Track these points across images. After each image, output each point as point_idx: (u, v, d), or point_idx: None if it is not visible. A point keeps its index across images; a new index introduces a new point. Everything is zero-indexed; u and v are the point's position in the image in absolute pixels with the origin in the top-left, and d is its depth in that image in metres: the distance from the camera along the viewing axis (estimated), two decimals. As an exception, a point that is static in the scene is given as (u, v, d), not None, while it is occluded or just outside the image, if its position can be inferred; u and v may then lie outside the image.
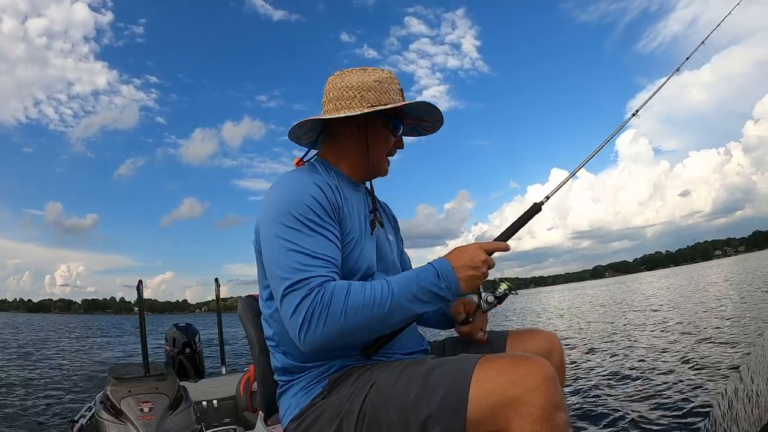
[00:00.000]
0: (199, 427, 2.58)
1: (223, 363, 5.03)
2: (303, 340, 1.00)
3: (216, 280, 4.97)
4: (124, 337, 23.88)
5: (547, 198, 1.29)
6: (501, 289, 1.19)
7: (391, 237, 1.43)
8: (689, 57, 1.81)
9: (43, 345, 18.76)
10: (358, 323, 1.00)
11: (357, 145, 1.31)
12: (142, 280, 3.33)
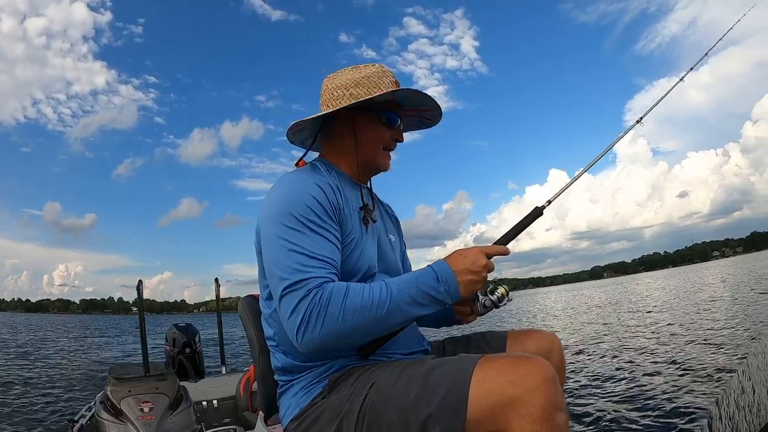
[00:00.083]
0: (199, 427, 2.58)
1: (223, 363, 5.02)
2: (301, 341, 1.01)
3: (216, 280, 4.98)
4: (123, 337, 23.82)
5: (549, 202, 1.28)
6: (498, 293, 1.18)
7: (392, 237, 1.42)
8: (693, 67, 1.81)
9: (42, 345, 18.67)
10: (356, 325, 1.00)
11: (352, 143, 1.31)
12: (141, 280, 3.33)
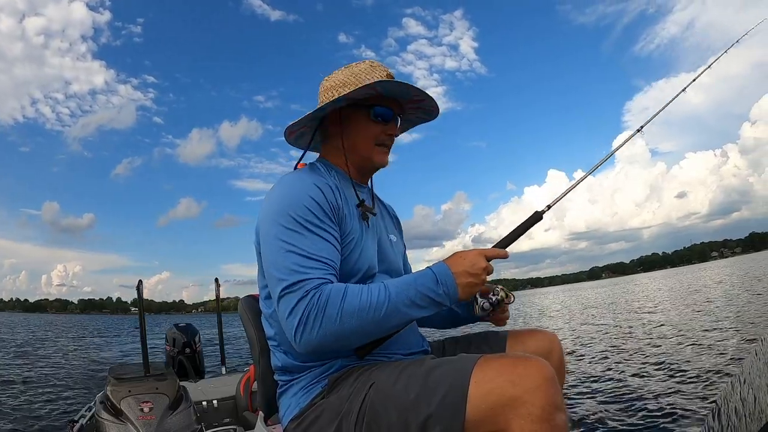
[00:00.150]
0: (199, 427, 2.58)
1: (223, 363, 5.01)
2: (298, 342, 1.01)
3: (216, 280, 4.98)
4: (121, 337, 23.78)
5: (549, 207, 1.29)
6: (498, 295, 1.18)
7: (393, 238, 1.42)
8: (696, 78, 1.81)
9: (41, 345, 18.63)
10: (354, 327, 1.00)
11: (347, 140, 1.32)
12: (141, 280, 3.31)
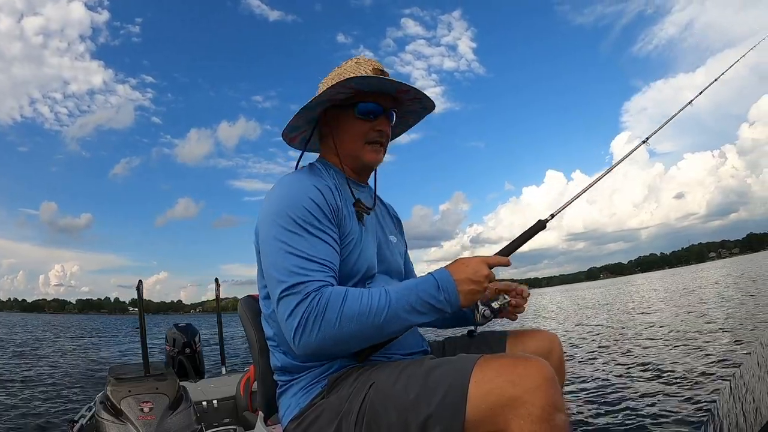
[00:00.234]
0: (199, 427, 2.58)
1: (223, 363, 5.02)
2: (297, 344, 1.01)
3: (216, 280, 5.00)
4: (119, 337, 23.75)
5: (552, 216, 1.27)
6: (499, 302, 1.17)
7: (393, 238, 1.42)
8: (702, 91, 1.81)
9: (40, 345, 18.61)
10: (353, 331, 1.00)
11: (336, 141, 1.32)
12: (141, 281, 3.31)
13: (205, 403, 3.37)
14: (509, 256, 1.20)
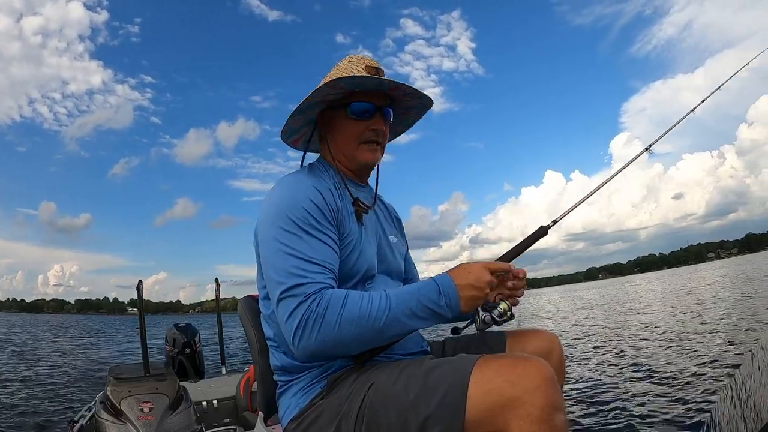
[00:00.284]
0: (199, 427, 2.59)
1: (223, 363, 5.04)
2: (297, 346, 1.01)
3: (216, 280, 5.01)
4: (118, 337, 23.75)
5: (555, 222, 1.29)
6: (500, 309, 1.16)
7: (393, 238, 1.42)
8: (704, 99, 1.81)
9: (39, 345, 18.61)
10: (353, 335, 1.00)
11: (332, 141, 1.32)
12: (141, 281, 3.32)
13: (205, 403, 3.37)
14: (511, 262, 1.20)
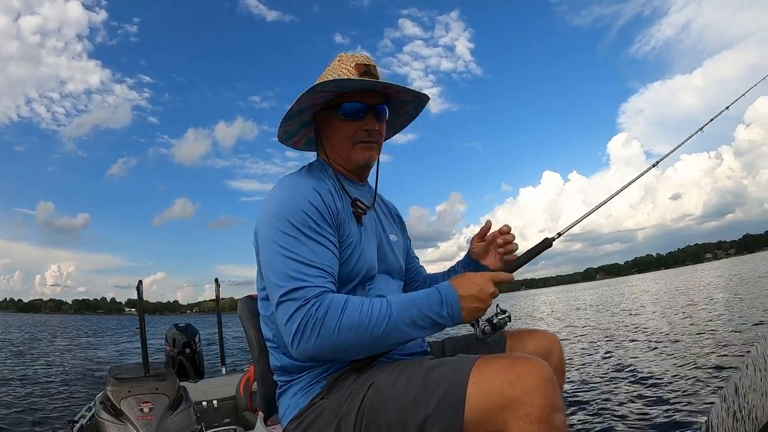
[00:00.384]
0: (199, 427, 2.59)
1: (223, 363, 5.02)
2: (296, 349, 1.01)
3: (216, 280, 4.99)
4: (115, 337, 23.71)
5: (559, 234, 1.29)
6: (499, 319, 1.16)
7: (394, 237, 1.41)
8: (713, 119, 1.82)
9: (38, 345, 18.57)
10: (352, 341, 1.00)
11: (327, 142, 1.32)
12: (141, 281, 3.31)
13: (205, 404, 3.37)
14: (513, 273, 1.19)
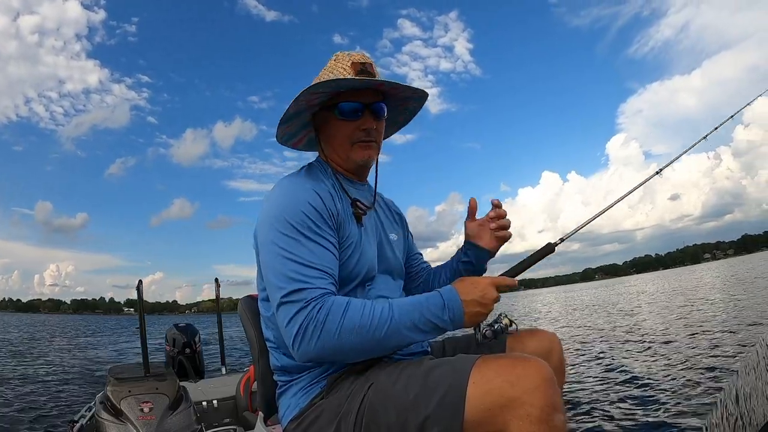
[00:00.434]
0: (199, 427, 2.59)
1: (223, 363, 5.00)
2: (296, 351, 1.01)
3: (216, 280, 4.93)
4: (114, 337, 23.66)
5: (562, 240, 1.30)
6: (501, 323, 1.17)
7: (394, 236, 1.41)
8: (717, 128, 1.83)
9: (37, 344, 18.52)
10: (353, 344, 1.00)
11: (324, 143, 1.32)
12: (141, 281, 3.30)
13: (205, 403, 3.37)
14: (516, 278, 1.19)
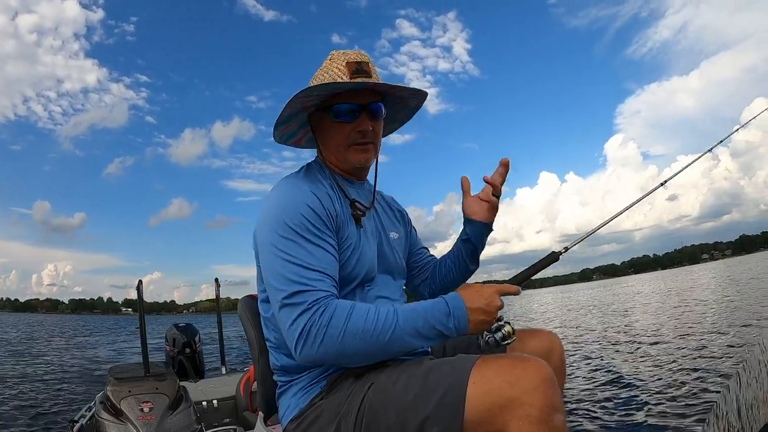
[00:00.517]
0: (199, 427, 2.59)
1: (223, 363, 5.02)
2: (299, 353, 1.01)
3: (216, 280, 4.96)
4: (112, 337, 23.64)
5: (566, 249, 1.30)
6: (504, 332, 1.16)
7: (394, 235, 1.40)
8: (722, 141, 1.84)
9: (36, 344, 18.50)
10: (356, 348, 1.00)
11: (321, 145, 1.31)
12: (141, 281, 3.30)
13: (205, 403, 3.37)
14: (520, 285, 1.19)
